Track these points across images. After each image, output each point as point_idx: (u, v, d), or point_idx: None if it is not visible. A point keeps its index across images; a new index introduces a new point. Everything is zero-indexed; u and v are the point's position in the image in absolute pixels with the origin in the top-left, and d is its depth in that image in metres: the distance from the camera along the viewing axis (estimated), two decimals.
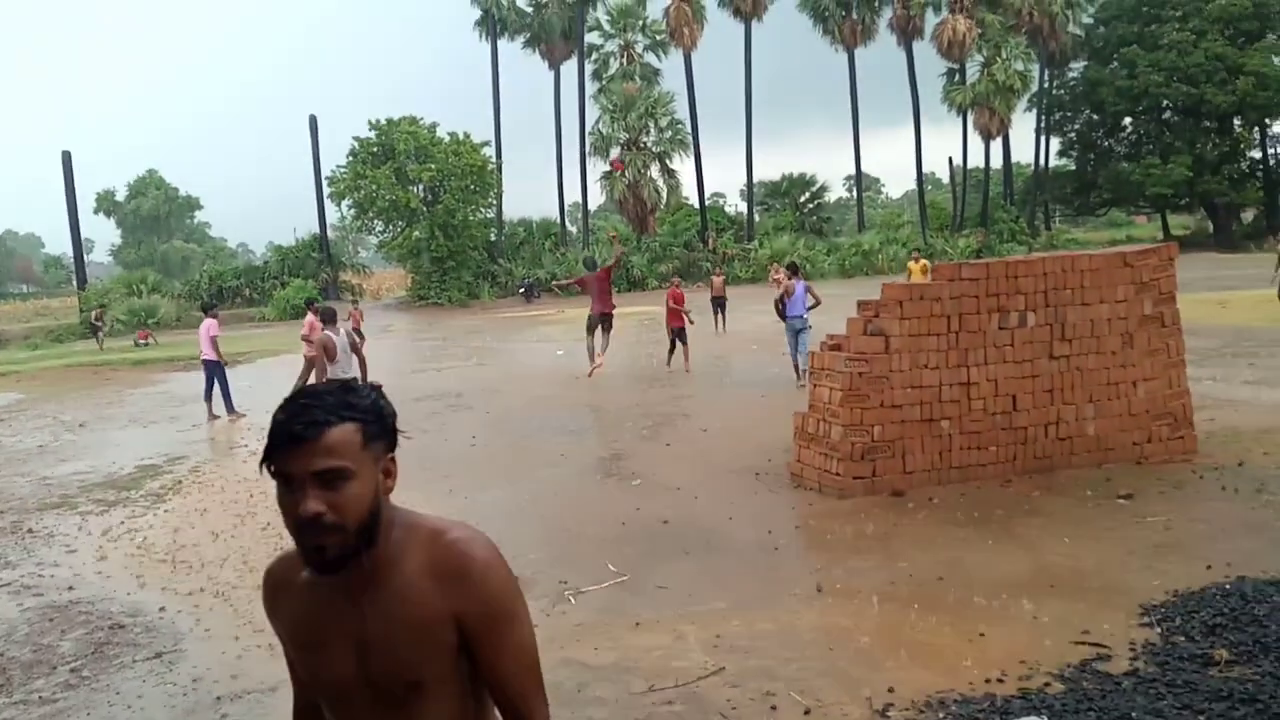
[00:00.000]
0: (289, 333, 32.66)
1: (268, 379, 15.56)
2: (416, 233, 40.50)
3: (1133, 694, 4.26)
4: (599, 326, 16.36)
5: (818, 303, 14.56)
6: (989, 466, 8.40)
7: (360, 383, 1.80)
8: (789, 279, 14.80)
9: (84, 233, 46.18)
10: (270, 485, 1.66)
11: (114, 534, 8.42)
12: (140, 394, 18.73)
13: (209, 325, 14.84)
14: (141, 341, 32.06)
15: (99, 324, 33.27)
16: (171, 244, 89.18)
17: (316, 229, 47.30)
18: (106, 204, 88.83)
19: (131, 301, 40.27)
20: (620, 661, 5.14)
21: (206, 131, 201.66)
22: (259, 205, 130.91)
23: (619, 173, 44.11)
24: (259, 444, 11.84)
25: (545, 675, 1.83)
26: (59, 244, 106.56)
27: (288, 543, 6.17)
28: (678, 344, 17.06)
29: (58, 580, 7.16)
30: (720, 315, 22.91)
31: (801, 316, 14.38)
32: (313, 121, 45.23)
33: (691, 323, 17.42)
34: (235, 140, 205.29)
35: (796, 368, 14.27)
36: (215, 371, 14.76)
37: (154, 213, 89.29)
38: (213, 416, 14.65)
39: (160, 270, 62.63)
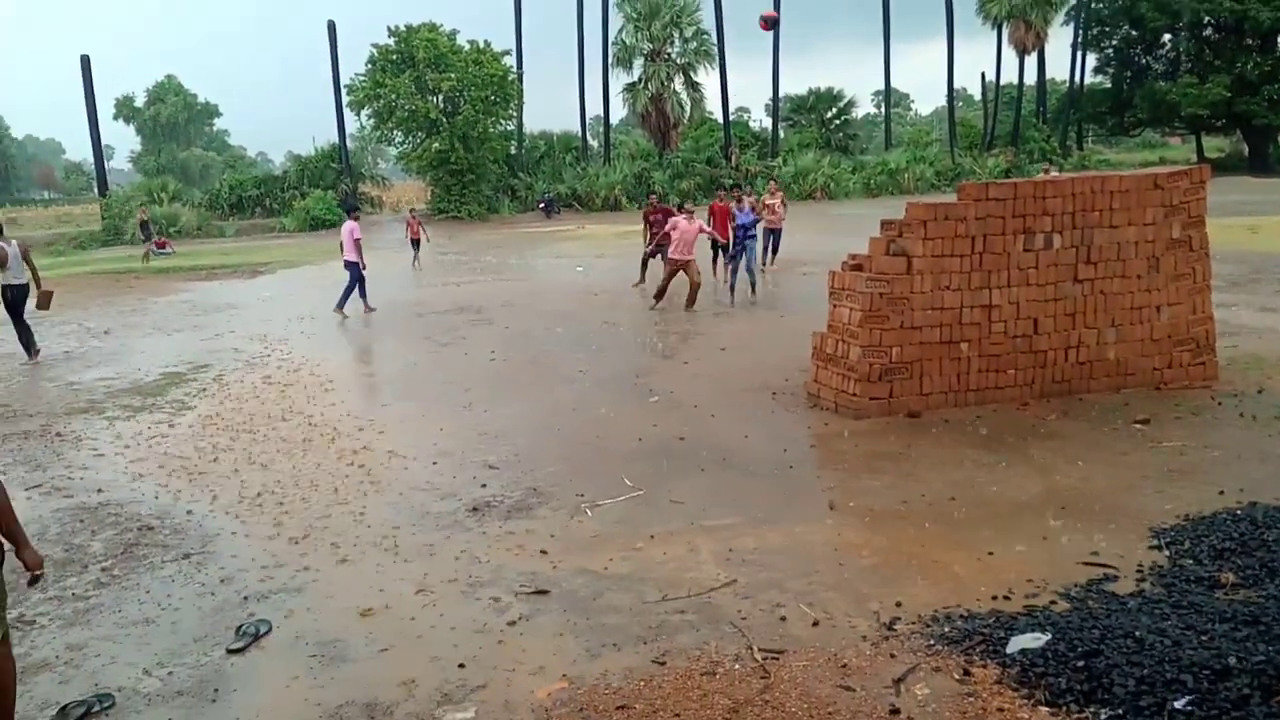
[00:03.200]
0: (309, 243, 32.68)
1: (290, 289, 15.61)
2: (436, 144, 39.99)
3: (1137, 614, 4.33)
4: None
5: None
6: (1007, 389, 8.41)
7: (35, 288, 1.66)
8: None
9: (104, 139, 45.78)
10: (297, 392, 1.69)
11: (141, 439, 8.58)
12: (163, 302, 18.85)
13: (351, 228, 15.52)
14: (160, 250, 31.93)
15: (146, 226, 31.92)
16: (191, 151, 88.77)
17: (336, 139, 46.86)
18: (126, 110, 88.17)
19: (153, 209, 40.17)
20: (635, 572, 5.26)
21: (225, 37, 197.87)
22: (278, 113, 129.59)
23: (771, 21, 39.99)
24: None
25: (562, 584, 1.87)
26: (79, 150, 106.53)
27: (307, 450, 6.27)
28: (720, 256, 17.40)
29: (86, 483, 7.34)
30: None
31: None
32: (331, 28, 44.38)
33: (726, 241, 17.30)
34: (254, 46, 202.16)
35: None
36: (354, 272, 15.51)
37: (173, 119, 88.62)
38: (369, 310, 15.50)
39: (180, 178, 62.29)
